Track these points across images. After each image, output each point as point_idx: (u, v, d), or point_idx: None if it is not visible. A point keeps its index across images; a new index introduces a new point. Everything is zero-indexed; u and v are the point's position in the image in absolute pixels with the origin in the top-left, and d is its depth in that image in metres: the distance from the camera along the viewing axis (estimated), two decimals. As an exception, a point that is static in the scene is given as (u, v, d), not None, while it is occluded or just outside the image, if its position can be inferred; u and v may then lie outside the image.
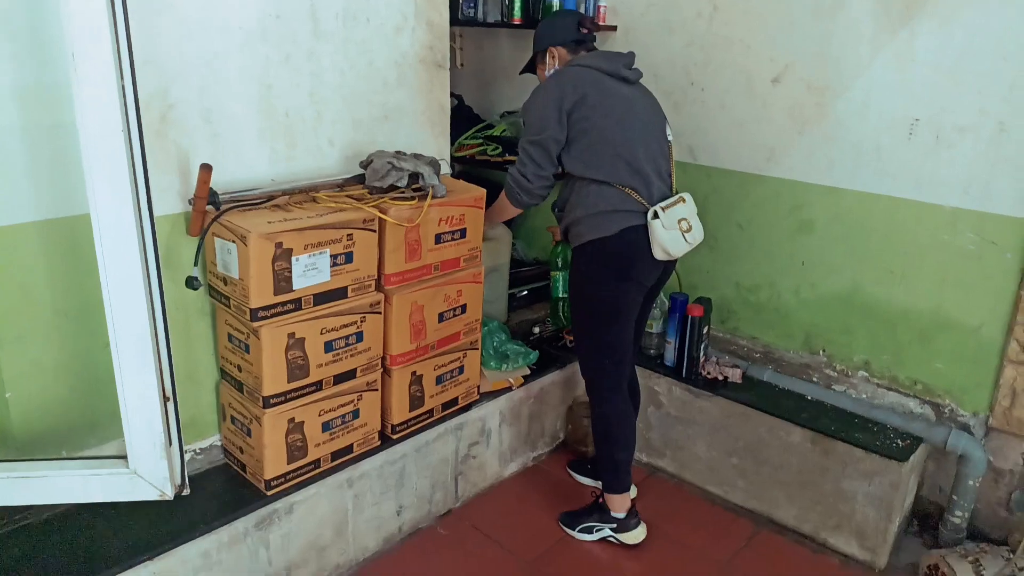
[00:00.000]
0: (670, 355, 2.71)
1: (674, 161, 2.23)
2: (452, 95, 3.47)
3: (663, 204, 2.08)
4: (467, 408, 2.45)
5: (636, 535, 2.32)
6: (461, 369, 2.38)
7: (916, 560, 2.26)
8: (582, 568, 2.27)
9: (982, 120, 2.15)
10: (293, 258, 1.81)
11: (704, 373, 2.65)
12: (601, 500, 2.35)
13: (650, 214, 2.07)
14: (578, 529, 2.36)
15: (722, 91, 2.68)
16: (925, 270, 2.32)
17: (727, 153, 2.72)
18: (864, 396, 2.51)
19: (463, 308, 2.31)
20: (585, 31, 2.25)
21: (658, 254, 2.09)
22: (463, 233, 2.24)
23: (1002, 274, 2.18)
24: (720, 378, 2.64)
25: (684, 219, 2.11)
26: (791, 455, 2.42)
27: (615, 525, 2.32)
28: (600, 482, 2.38)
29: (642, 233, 2.08)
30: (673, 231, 2.08)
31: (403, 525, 2.34)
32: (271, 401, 1.86)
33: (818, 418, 2.41)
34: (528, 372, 2.63)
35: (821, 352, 2.61)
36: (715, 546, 2.38)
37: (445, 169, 2.45)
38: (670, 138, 2.22)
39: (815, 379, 2.62)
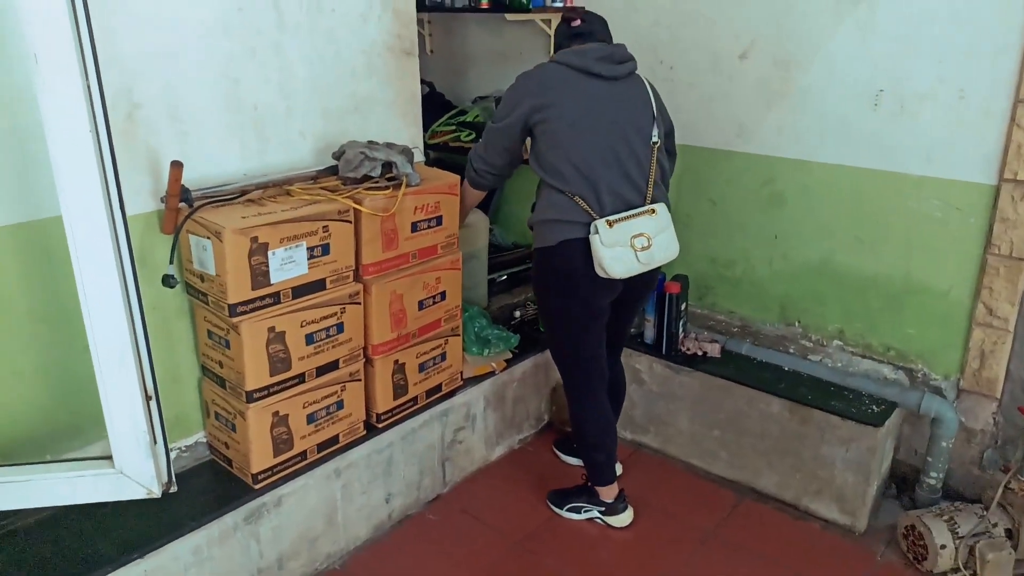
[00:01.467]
0: (650, 333, 2.74)
1: (656, 165, 2.06)
2: (423, 82, 3.46)
3: (614, 217, 1.96)
4: (451, 394, 2.47)
5: (623, 519, 2.35)
6: (443, 356, 2.40)
7: (895, 522, 2.32)
8: (572, 544, 2.31)
9: (942, 88, 2.19)
10: (269, 252, 1.81)
11: (684, 349, 2.69)
12: (590, 484, 2.38)
13: (591, 229, 1.94)
14: (566, 508, 2.40)
15: (690, 69, 2.70)
16: (893, 237, 2.37)
17: (698, 130, 2.75)
18: (839, 364, 2.56)
19: (442, 295, 2.32)
20: (576, 24, 2.09)
21: (599, 271, 1.96)
22: (439, 220, 2.25)
23: (968, 239, 2.23)
24: (699, 353, 2.68)
25: (642, 235, 1.97)
26: (770, 425, 2.47)
27: (603, 508, 2.35)
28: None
29: (583, 247, 1.97)
30: (619, 248, 1.94)
31: (393, 512, 2.36)
32: (254, 396, 1.87)
33: (795, 388, 2.46)
34: (510, 356, 2.65)
35: (796, 323, 2.66)
36: (700, 516, 2.43)
37: (418, 157, 2.45)
38: (655, 140, 2.05)
39: (792, 350, 2.67)
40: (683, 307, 2.67)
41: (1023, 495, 2.14)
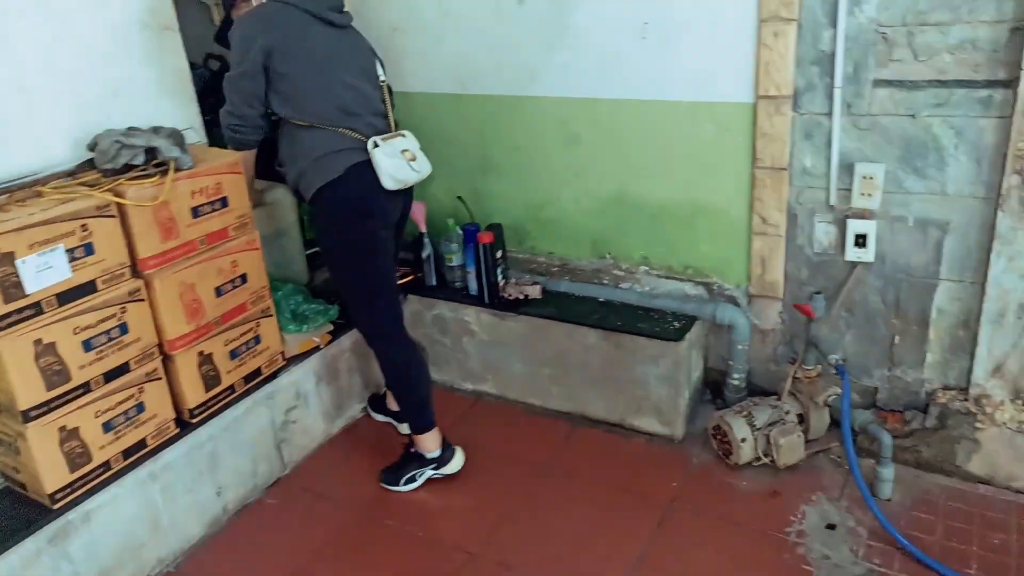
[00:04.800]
0: (472, 284, 2.79)
1: (387, 98, 2.26)
2: (213, 57, 3.29)
3: (381, 137, 2.14)
4: (274, 376, 2.42)
5: (456, 463, 2.40)
6: (257, 339, 2.34)
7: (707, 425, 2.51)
8: (414, 501, 2.35)
9: (698, 15, 2.29)
10: (18, 261, 1.68)
11: (506, 295, 2.75)
12: (413, 449, 2.39)
13: (370, 145, 2.10)
14: (403, 483, 2.38)
15: (474, 17, 2.69)
16: (677, 163, 2.50)
17: (492, 79, 2.76)
18: (647, 288, 2.71)
19: (243, 278, 2.25)
20: None
21: (387, 183, 2.12)
22: (224, 202, 2.17)
23: (738, 156, 2.39)
24: (521, 297, 2.75)
25: (407, 150, 2.17)
26: (591, 355, 2.59)
27: (435, 464, 2.38)
28: (403, 423, 2.50)
29: (368, 168, 2.11)
30: (397, 159, 2.13)
31: (227, 505, 2.32)
32: (31, 414, 1.76)
33: (608, 317, 2.58)
34: (332, 328, 2.63)
35: (607, 255, 2.78)
36: (537, 452, 2.54)
37: (194, 138, 2.33)
38: (383, 79, 2.26)
39: (606, 281, 2.79)
40: (499, 255, 2.72)
41: (808, 382, 2.36)
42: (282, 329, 2.47)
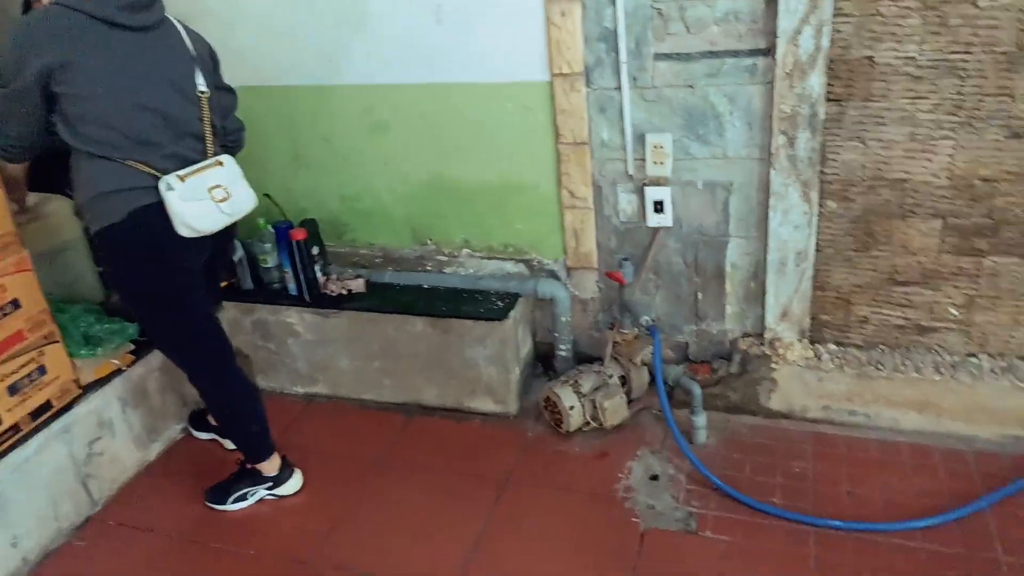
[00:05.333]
0: (291, 284, 2.67)
1: (208, 118, 1.95)
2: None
3: (183, 172, 1.84)
4: (68, 407, 2.19)
5: (293, 484, 2.29)
6: (42, 369, 2.11)
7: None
8: (246, 519, 2.23)
9: (489, -3, 2.31)
10: None
11: (328, 292, 2.67)
12: (249, 465, 2.26)
13: (162, 186, 1.80)
14: (232, 501, 2.24)
15: (264, 4, 2.55)
16: (484, 144, 2.51)
17: (293, 69, 2.64)
18: (471, 271, 2.72)
19: (14, 304, 2.02)
20: None
21: (182, 231, 1.83)
22: (-21, 221, 1.92)
23: (541, 133, 2.44)
24: (344, 292, 2.67)
25: (219, 186, 1.88)
26: (420, 343, 2.57)
27: (270, 484, 2.26)
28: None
29: (158, 211, 1.82)
30: (201, 202, 1.85)
31: (28, 555, 2.08)
32: None
33: (433, 303, 2.57)
34: (134, 347, 2.42)
35: (428, 241, 2.76)
36: (371, 447, 2.48)
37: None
38: (202, 90, 1.92)
39: (429, 267, 2.77)
40: (315, 251, 2.63)
41: (627, 344, 2.48)
42: (72, 355, 2.23)
